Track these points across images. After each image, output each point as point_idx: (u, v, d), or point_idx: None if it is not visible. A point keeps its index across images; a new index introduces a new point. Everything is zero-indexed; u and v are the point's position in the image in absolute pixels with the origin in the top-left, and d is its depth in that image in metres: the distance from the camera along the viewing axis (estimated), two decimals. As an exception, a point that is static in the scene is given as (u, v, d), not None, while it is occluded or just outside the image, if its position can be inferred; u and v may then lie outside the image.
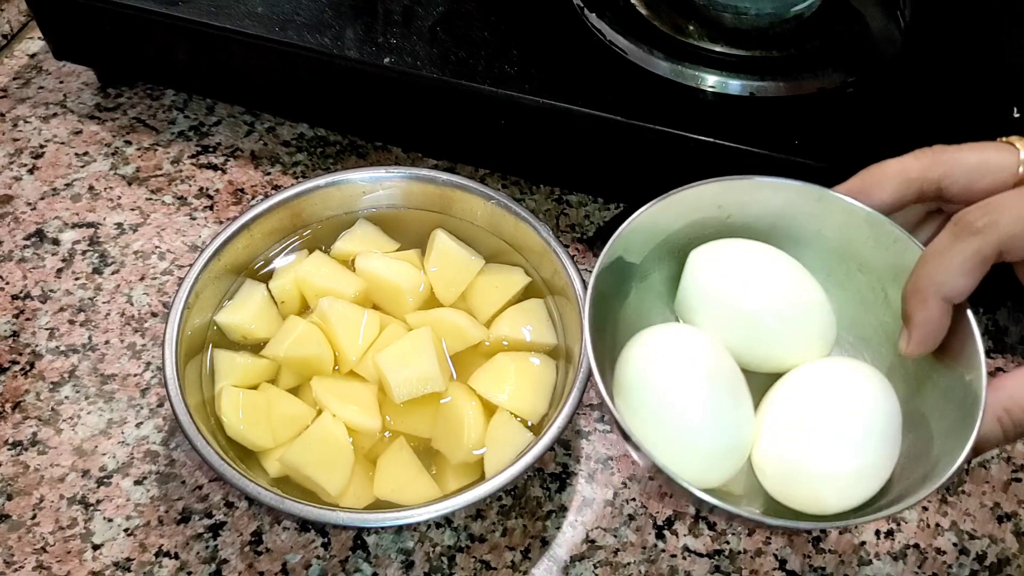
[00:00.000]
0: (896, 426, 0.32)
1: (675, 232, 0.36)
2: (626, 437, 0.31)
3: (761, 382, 0.34)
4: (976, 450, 0.31)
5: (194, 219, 0.54)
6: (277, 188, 0.56)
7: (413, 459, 0.41)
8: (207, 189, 0.56)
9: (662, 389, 0.31)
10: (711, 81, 0.48)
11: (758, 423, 0.33)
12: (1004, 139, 0.33)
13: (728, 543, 0.43)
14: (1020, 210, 0.30)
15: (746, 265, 0.34)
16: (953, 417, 0.31)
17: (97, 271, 0.52)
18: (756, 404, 0.34)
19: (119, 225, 0.54)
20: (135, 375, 0.48)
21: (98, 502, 0.43)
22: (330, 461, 0.40)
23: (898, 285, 0.33)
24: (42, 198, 0.55)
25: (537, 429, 0.41)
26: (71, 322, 0.50)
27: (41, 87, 0.62)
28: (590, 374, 0.36)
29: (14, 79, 0.62)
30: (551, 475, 0.45)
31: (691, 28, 0.50)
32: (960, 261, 0.30)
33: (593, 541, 0.43)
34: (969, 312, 0.32)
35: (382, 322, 0.45)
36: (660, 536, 0.43)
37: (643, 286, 0.37)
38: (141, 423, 0.46)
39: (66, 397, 0.47)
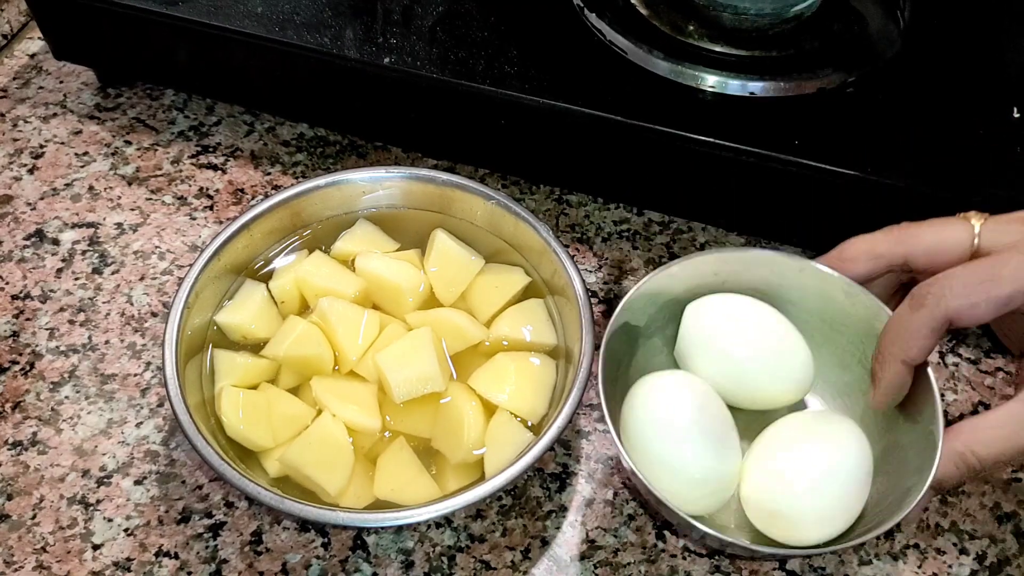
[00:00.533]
0: (867, 470, 0.36)
1: (676, 297, 0.42)
2: (632, 471, 0.36)
3: (750, 418, 0.40)
4: (937, 489, 0.35)
5: (194, 219, 0.54)
6: (277, 188, 0.56)
7: (413, 459, 0.41)
8: (207, 189, 0.56)
9: (661, 429, 0.37)
10: (711, 81, 0.48)
11: (748, 465, 0.38)
12: (962, 215, 0.38)
13: (728, 543, 0.43)
14: (962, 285, 0.34)
15: (734, 317, 0.40)
16: (919, 457, 0.36)
17: (97, 271, 0.52)
18: (745, 438, 0.39)
19: (119, 225, 0.54)
20: (135, 375, 0.48)
21: (98, 502, 0.43)
22: (330, 461, 0.40)
23: (870, 344, 0.38)
24: (42, 198, 0.55)
25: (537, 429, 0.41)
26: (71, 322, 0.50)
27: (41, 87, 0.62)
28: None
29: (14, 79, 0.62)
30: (551, 475, 0.45)
31: (691, 28, 0.50)
32: (914, 331, 0.35)
33: (593, 541, 0.43)
34: (929, 370, 0.37)
35: (382, 322, 0.45)
36: (660, 536, 0.43)
37: (648, 343, 0.42)
38: (141, 423, 0.46)
39: (66, 397, 0.47)
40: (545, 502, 0.44)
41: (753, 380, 0.39)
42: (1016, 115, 0.47)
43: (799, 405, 0.42)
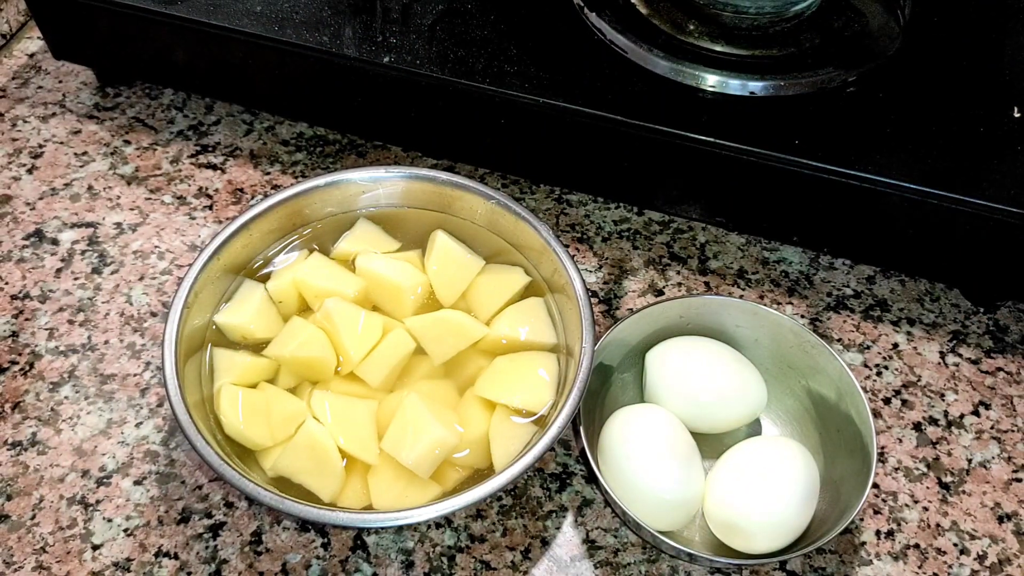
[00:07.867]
0: (814, 488, 0.40)
1: (645, 338, 0.46)
2: (605, 492, 0.40)
3: (712, 441, 0.44)
4: None
5: (193, 219, 0.54)
6: (276, 187, 0.56)
7: (401, 470, 0.41)
8: (206, 189, 0.56)
9: (634, 456, 0.40)
10: (711, 80, 0.48)
11: (710, 485, 0.41)
12: None
13: (728, 543, 0.43)
14: None
15: (692, 356, 0.44)
16: (855, 471, 0.41)
17: (96, 271, 0.52)
18: (708, 460, 0.43)
19: (118, 225, 0.54)
20: (135, 375, 0.48)
21: (98, 502, 0.43)
22: (319, 469, 0.40)
23: (816, 381, 0.44)
24: (41, 198, 0.55)
25: (545, 420, 0.42)
26: (70, 322, 0.50)
27: (40, 87, 0.62)
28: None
29: (13, 79, 0.62)
30: (551, 475, 0.45)
31: (691, 27, 0.50)
32: None
33: (593, 541, 0.43)
34: (870, 419, 0.41)
35: (385, 326, 0.44)
36: (660, 536, 0.43)
37: (620, 379, 0.46)
38: (141, 423, 0.46)
39: (66, 397, 0.47)
40: (545, 502, 0.44)
41: (712, 409, 0.43)
42: (1016, 114, 0.47)
43: (755, 429, 0.46)
